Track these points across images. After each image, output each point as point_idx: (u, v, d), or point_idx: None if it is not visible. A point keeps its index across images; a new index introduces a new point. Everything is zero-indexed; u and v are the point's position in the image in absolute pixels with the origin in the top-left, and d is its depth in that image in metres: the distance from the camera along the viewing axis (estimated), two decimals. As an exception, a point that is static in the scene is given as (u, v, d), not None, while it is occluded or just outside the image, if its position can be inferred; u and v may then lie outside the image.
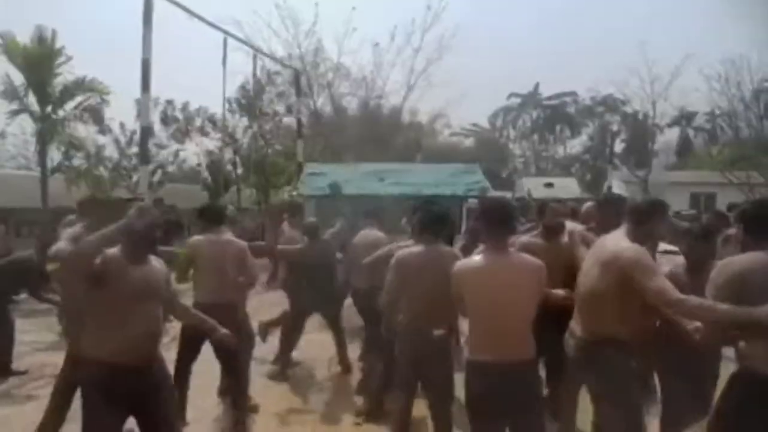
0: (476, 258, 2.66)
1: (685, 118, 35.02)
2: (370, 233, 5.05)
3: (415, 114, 30.19)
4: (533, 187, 21.38)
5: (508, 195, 23.61)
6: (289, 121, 23.36)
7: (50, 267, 4.26)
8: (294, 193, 10.41)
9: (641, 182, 27.76)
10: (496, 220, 2.61)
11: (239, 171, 23.10)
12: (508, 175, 39.89)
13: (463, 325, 3.01)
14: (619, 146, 35.67)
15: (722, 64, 23.44)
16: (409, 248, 3.29)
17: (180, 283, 3.98)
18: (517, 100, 44.28)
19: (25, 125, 17.38)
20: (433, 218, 3.24)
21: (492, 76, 59.25)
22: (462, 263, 2.70)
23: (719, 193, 23.12)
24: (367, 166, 12.43)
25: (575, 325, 2.82)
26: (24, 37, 14.25)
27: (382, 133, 26.21)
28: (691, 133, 36.76)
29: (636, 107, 32.73)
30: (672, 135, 37.36)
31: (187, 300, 3.56)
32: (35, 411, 3.72)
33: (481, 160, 24.31)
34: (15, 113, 15.06)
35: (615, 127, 36.21)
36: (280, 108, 25.38)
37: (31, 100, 14.75)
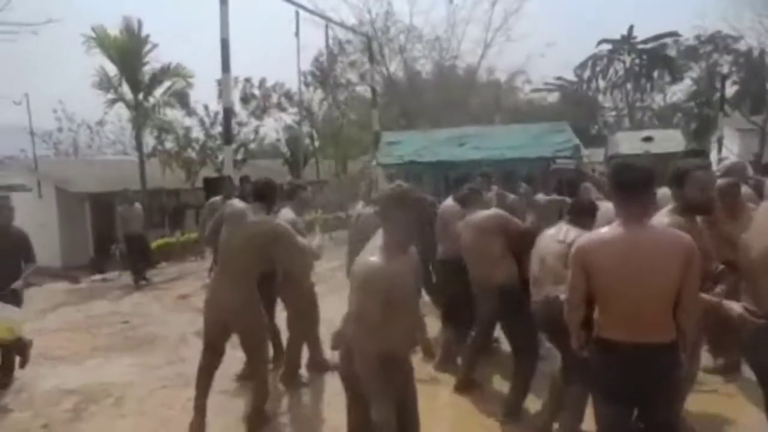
0: (607, 230, 2.36)
1: (812, 52, 30.89)
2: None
3: (492, 72, 29.23)
4: (629, 141, 19.98)
5: (599, 152, 22.35)
6: (362, 89, 23.55)
7: None
8: (373, 163, 10.58)
9: (759, 129, 25.10)
10: (631, 186, 2.28)
11: (317, 144, 23.72)
12: (598, 130, 37.67)
13: None
14: (730, 90, 32.29)
15: None
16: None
17: None
18: (608, 47, 41.10)
19: (121, 113, 19.00)
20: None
21: (579, 23, 55.44)
22: (590, 236, 2.44)
23: None
24: (446, 131, 12.30)
25: (750, 305, 2.43)
26: (113, 29, 15.37)
27: (458, 96, 25.68)
28: (820, 69, 32.39)
29: (751, 43, 29.42)
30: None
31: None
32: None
33: (566, 117, 23.09)
34: (111, 102, 16.40)
35: (725, 69, 32.71)
36: (353, 77, 25.65)
37: (125, 89, 15.97)
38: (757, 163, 5.67)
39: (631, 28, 40.36)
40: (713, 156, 23.84)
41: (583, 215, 3.50)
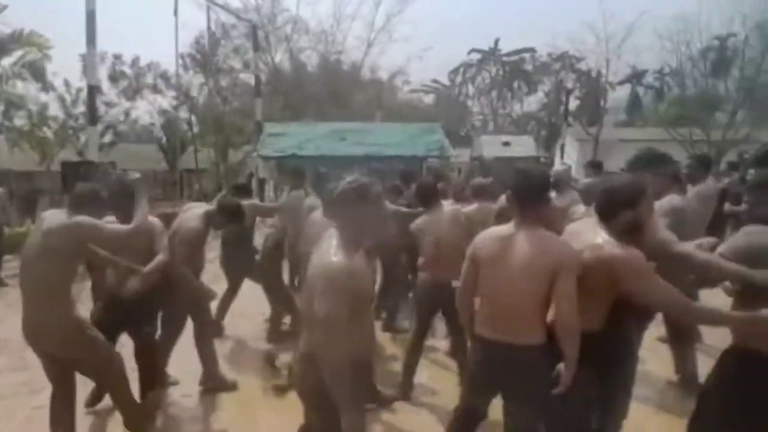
0: (501, 229, 2.37)
1: (635, 76, 35.76)
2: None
3: (376, 70, 29.63)
4: (490, 145, 21.51)
5: (466, 153, 23.79)
6: (246, 77, 22.50)
7: None
8: (254, 154, 10.10)
9: (593, 139, 28.46)
10: (525, 192, 2.29)
11: (196, 130, 22.21)
12: (467, 132, 40.05)
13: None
14: (573, 104, 36.27)
15: (674, 21, 23.96)
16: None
17: None
18: (477, 56, 43.91)
19: (-42, 82, 16.04)
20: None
21: (454, 32, 58.33)
22: (486, 231, 2.43)
23: (663, 150, 24.07)
24: (328, 125, 12.14)
25: None
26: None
27: (342, 90, 25.64)
28: (640, 90, 37.64)
29: (590, 64, 33.17)
30: (623, 93, 38.24)
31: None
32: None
33: (440, 118, 24.16)
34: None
35: (570, 85, 36.67)
36: (237, 63, 24.40)
37: (-39, 54, 13.55)
38: (596, 166, 6.26)
39: (497, 41, 43.57)
40: (557, 160, 26.74)
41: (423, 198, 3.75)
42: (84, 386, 3.33)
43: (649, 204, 2.22)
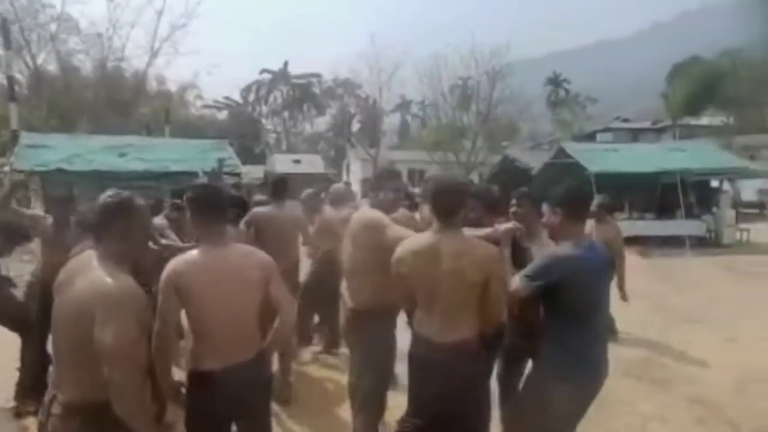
0: (192, 254, 2.09)
1: (404, 105, 40.46)
2: None
3: (163, 82, 27.41)
4: (283, 162, 21.89)
5: (260, 170, 23.68)
6: (-2, 78, 18.54)
7: None
8: (6, 168, 8.47)
9: (372, 159, 31.22)
10: (204, 208, 2.12)
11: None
12: (262, 150, 39.82)
13: None
14: (355, 126, 39.20)
15: (429, 60, 27.99)
16: None
17: None
18: (268, 76, 44.03)
19: None
20: None
21: (243, 50, 57.26)
22: (179, 259, 2.09)
23: (427, 170, 27.82)
24: (104, 139, 10.90)
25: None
26: None
27: (125, 101, 23.02)
28: (409, 118, 42.66)
29: (368, 92, 36.34)
30: (395, 119, 42.87)
31: None
32: None
33: (235, 135, 23.57)
34: None
35: (352, 110, 39.58)
36: (-18, 61, 19.92)
37: None
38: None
39: (285, 63, 44.40)
40: (344, 177, 28.62)
41: None
42: None
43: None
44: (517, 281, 2.30)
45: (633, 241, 11.65)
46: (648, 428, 3.56)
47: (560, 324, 2.31)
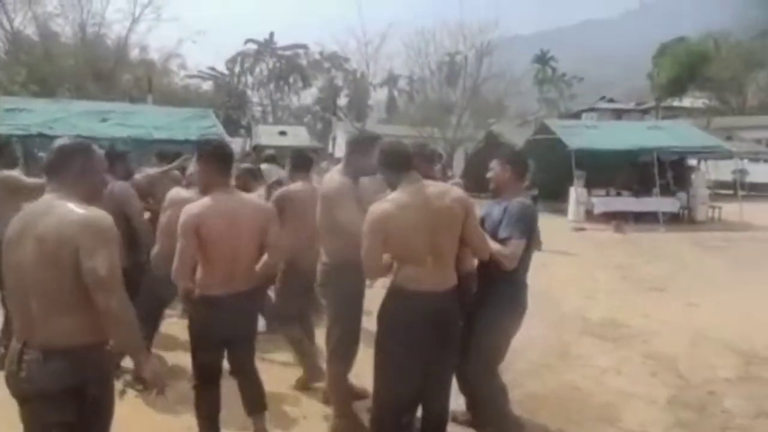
0: (206, 200, 2.52)
1: (392, 80, 40.07)
2: None
3: (146, 50, 26.80)
4: (268, 134, 21.71)
5: (241, 141, 23.49)
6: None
7: None
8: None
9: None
10: (217, 162, 2.56)
11: None
12: (248, 122, 39.31)
13: None
14: (343, 100, 38.86)
15: (416, 35, 27.71)
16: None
17: None
18: (253, 47, 43.12)
19: None
20: None
21: (228, 18, 55.81)
22: (196, 204, 2.53)
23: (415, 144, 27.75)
24: (86, 104, 10.79)
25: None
26: None
27: (107, 69, 22.52)
28: (396, 93, 42.32)
29: (355, 66, 35.97)
30: (383, 94, 42.51)
31: None
32: None
33: (220, 106, 23.18)
34: None
35: (339, 83, 39.15)
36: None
37: None
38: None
39: (271, 34, 43.49)
40: (330, 150, 28.53)
41: None
42: None
43: None
44: (517, 245, 2.57)
45: (611, 216, 12.05)
46: (603, 379, 3.81)
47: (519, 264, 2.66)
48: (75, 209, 1.71)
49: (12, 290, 1.81)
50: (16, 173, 3.83)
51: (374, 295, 2.74)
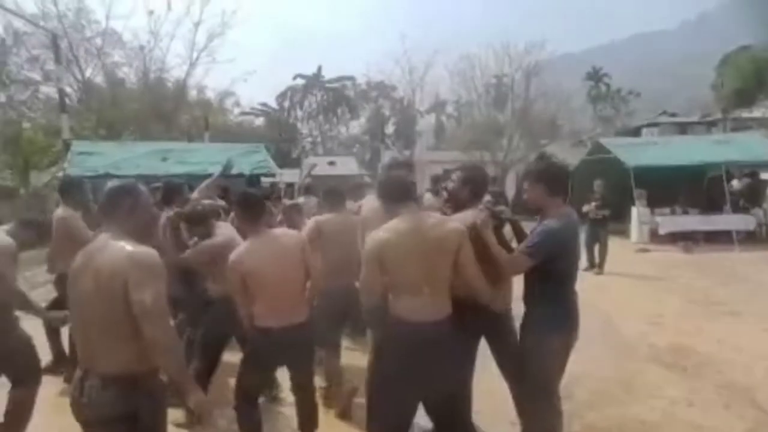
0: (246, 245, 2.81)
1: (438, 106, 40.40)
2: None
3: (203, 91, 28.55)
4: (318, 165, 22.41)
5: (295, 173, 24.33)
6: (50, 91, 19.86)
7: None
8: (60, 174, 9.17)
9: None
10: (248, 209, 2.87)
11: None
12: (298, 154, 40.69)
13: None
14: (390, 128, 39.54)
15: (461, 60, 27.95)
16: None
17: None
18: (302, 81, 45.01)
19: None
20: None
21: (277, 56, 58.82)
22: (239, 250, 2.79)
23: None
24: (149, 144, 11.61)
25: None
26: None
27: (167, 110, 24.15)
28: (444, 119, 42.56)
29: (401, 94, 36.65)
30: (431, 120, 42.87)
31: None
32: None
33: (272, 140, 24.18)
34: None
35: (387, 111, 39.94)
36: (36, 75, 21.38)
37: None
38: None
39: (319, 68, 45.27)
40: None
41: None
42: None
43: None
44: (519, 258, 2.55)
45: (678, 236, 11.42)
46: (672, 411, 3.59)
47: (554, 286, 2.61)
48: (125, 247, 1.88)
49: (76, 320, 1.98)
50: (77, 216, 4.08)
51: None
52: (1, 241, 3.05)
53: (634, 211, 12.34)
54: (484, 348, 2.88)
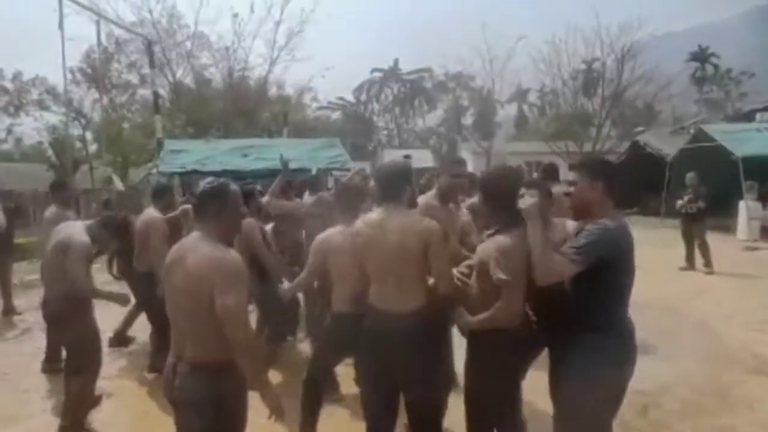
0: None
1: (520, 95, 39.16)
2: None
3: (282, 87, 29.87)
4: (392, 158, 22.73)
5: (366, 166, 24.80)
6: (146, 93, 21.81)
7: None
8: (154, 171, 10.08)
9: (485, 152, 30.80)
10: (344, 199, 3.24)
11: (93, 148, 21.09)
12: (374, 147, 41.34)
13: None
14: (468, 119, 38.94)
15: (546, 45, 26.77)
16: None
17: None
18: (379, 75, 45.61)
19: None
20: None
21: (354, 51, 59.93)
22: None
23: (545, 161, 26.57)
24: (230, 142, 12.40)
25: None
26: None
27: (249, 107, 25.59)
28: (525, 108, 41.20)
29: (480, 84, 35.91)
30: (511, 110, 41.65)
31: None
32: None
33: (348, 134, 24.85)
34: None
35: (465, 102, 39.37)
36: (134, 79, 23.56)
37: None
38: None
39: (396, 60, 45.64)
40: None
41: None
42: None
43: None
44: (562, 259, 2.05)
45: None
46: (776, 427, 3.31)
47: (607, 304, 2.13)
48: (213, 251, 2.02)
49: (170, 310, 2.18)
50: (161, 221, 4.32)
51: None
52: (77, 239, 3.33)
53: (742, 205, 11.29)
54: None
